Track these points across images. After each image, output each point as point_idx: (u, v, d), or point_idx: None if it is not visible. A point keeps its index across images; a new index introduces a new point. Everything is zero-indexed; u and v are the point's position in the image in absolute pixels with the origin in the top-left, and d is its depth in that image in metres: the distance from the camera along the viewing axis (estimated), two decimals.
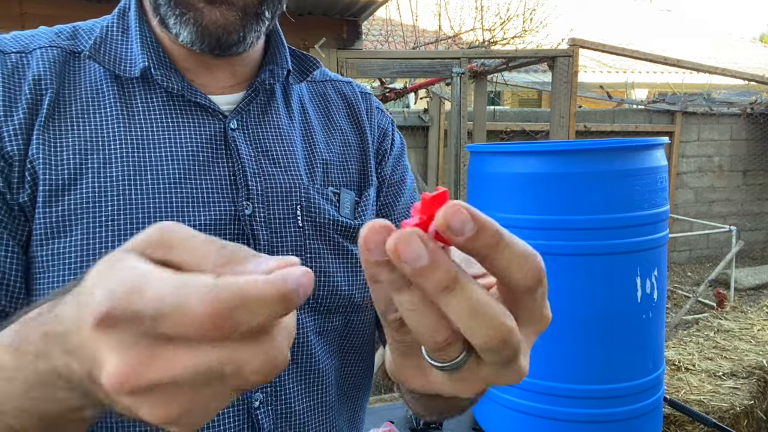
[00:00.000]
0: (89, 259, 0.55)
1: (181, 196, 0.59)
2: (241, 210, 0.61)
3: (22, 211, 0.56)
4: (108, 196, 0.57)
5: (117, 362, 0.28)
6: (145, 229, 0.32)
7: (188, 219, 0.59)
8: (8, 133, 0.56)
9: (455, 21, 7.80)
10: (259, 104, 0.67)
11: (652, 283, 1.40)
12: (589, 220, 1.35)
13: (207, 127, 0.63)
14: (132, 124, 0.61)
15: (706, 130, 7.39)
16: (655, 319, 1.44)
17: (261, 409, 0.62)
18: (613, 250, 1.36)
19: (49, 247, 0.55)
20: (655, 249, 1.41)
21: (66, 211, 0.56)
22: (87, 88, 0.61)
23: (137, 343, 0.28)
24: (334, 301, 0.66)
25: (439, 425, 1.65)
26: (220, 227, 0.60)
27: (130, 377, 0.28)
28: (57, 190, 0.56)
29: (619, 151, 1.36)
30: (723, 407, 1.84)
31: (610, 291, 1.39)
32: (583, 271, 1.37)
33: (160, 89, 0.63)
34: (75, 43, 0.64)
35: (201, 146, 0.62)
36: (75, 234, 0.55)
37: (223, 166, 0.62)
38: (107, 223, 0.56)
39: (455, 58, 3.36)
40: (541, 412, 1.44)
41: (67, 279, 0.54)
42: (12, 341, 0.36)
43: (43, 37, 0.63)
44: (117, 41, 0.64)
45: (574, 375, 1.40)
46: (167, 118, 0.62)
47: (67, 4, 3.15)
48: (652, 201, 1.38)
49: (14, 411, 0.37)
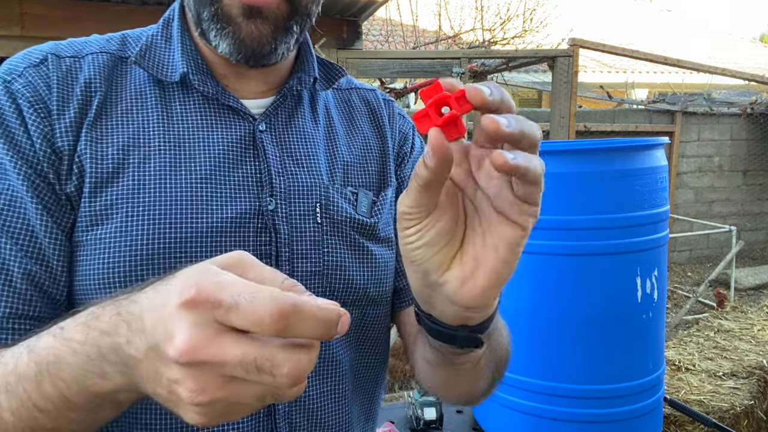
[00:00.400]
0: (127, 244, 0.61)
1: (211, 191, 0.65)
2: (265, 206, 0.66)
3: (69, 201, 0.62)
4: (145, 189, 0.63)
5: (185, 337, 0.36)
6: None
7: (216, 212, 0.64)
8: (60, 131, 0.62)
9: (455, 21, 7.81)
10: (287, 109, 0.72)
11: (653, 283, 1.40)
12: (589, 220, 1.35)
13: (237, 129, 0.68)
14: (170, 124, 0.66)
15: (706, 130, 7.39)
16: (655, 319, 1.44)
17: None
18: (613, 250, 1.36)
19: (92, 232, 0.61)
20: (655, 249, 1.41)
21: (108, 201, 0.62)
22: (132, 90, 0.67)
23: (207, 326, 0.36)
24: (349, 295, 0.70)
25: (439, 425, 1.65)
26: (245, 221, 0.65)
27: (191, 350, 0.36)
28: (101, 182, 0.62)
29: (619, 151, 1.36)
30: (723, 407, 1.84)
31: (610, 291, 1.39)
32: (584, 271, 1.37)
33: (197, 93, 0.68)
34: (123, 49, 0.69)
35: (231, 146, 0.67)
36: (114, 221, 0.61)
37: (251, 165, 0.67)
38: (144, 212, 0.62)
39: (455, 58, 3.36)
40: (541, 412, 1.44)
41: (106, 261, 0.60)
42: (85, 319, 0.45)
43: (95, 44, 0.69)
44: (160, 48, 0.70)
45: (574, 375, 1.40)
46: (202, 119, 0.68)
47: (67, 4, 3.16)
48: (652, 201, 1.38)
49: (71, 381, 0.44)
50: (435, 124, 0.41)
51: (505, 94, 0.42)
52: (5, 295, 0.58)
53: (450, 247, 0.46)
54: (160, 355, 0.38)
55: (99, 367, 0.43)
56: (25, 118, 0.61)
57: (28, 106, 0.61)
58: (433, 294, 0.48)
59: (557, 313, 1.39)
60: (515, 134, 0.40)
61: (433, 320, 0.51)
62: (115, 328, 0.42)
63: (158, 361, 0.38)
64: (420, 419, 1.65)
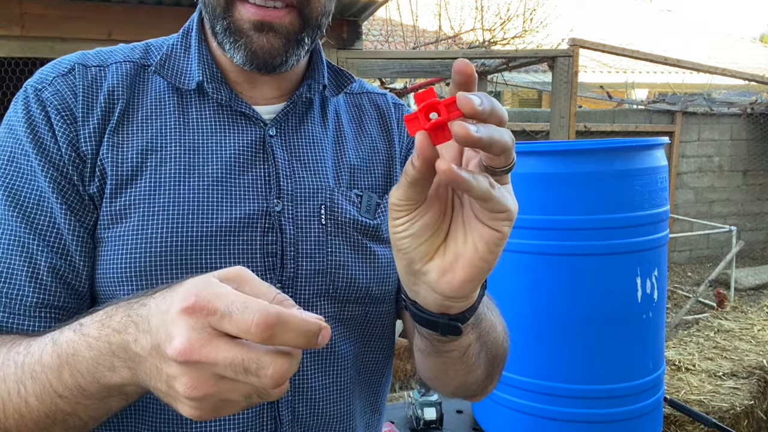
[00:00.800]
0: (144, 241, 0.65)
1: (223, 193, 0.69)
2: (272, 207, 0.70)
3: (92, 201, 0.67)
4: (161, 190, 0.67)
5: (183, 339, 0.42)
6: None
7: (227, 212, 0.68)
8: (84, 136, 0.67)
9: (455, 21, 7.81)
10: (297, 114, 0.76)
11: (653, 283, 1.40)
12: (589, 220, 1.34)
13: (249, 134, 0.72)
14: (186, 130, 0.71)
15: (706, 130, 7.39)
16: (655, 319, 1.44)
17: None
18: (613, 250, 1.36)
19: (112, 230, 0.66)
20: (655, 249, 1.41)
21: (127, 202, 0.67)
22: (152, 98, 0.71)
23: (203, 331, 0.42)
24: (352, 292, 0.73)
25: (439, 425, 1.65)
26: (253, 221, 0.69)
27: (188, 351, 0.41)
28: (121, 183, 0.67)
29: (619, 151, 1.36)
30: (723, 407, 1.84)
31: (610, 291, 1.38)
32: (584, 271, 1.37)
33: (212, 100, 0.73)
34: (146, 57, 0.74)
35: (242, 150, 0.71)
36: (133, 220, 0.66)
37: (260, 168, 0.71)
38: (159, 212, 0.67)
39: (455, 58, 3.36)
40: (541, 412, 1.44)
41: (125, 256, 0.65)
42: (101, 318, 0.51)
43: (120, 53, 0.74)
44: (179, 58, 0.74)
45: (574, 375, 1.40)
46: (216, 125, 0.72)
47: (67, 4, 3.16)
48: (652, 201, 1.38)
49: (85, 372, 0.50)
50: (423, 128, 0.44)
51: (496, 104, 0.44)
52: (33, 286, 0.64)
53: (435, 239, 0.49)
54: (161, 354, 0.44)
55: (109, 361, 0.49)
56: (53, 125, 0.66)
57: (56, 114, 0.66)
58: (417, 282, 0.51)
59: (557, 313, 1.39)
60: (484, 140, 0.42)
61: (417, 306, 0.54)
62: (125, 328, 0.47)
63: (159, 359, 0.44)
64: (420, 419, 1.65)
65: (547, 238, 1.35)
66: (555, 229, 1.35)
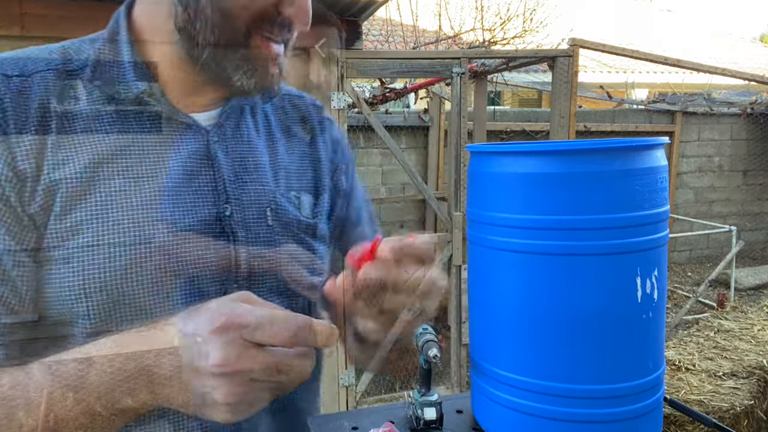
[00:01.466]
0: (100, 255, 0.65)
1: (174, 202, 0.70)
2: (222, 212, 0.72)
3: (32, 221, 0.64)
4: (114, 204, 0.67)
5: (220, 355, 0.50)
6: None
7: (180, 221, 0.69)
8: (21, 153, 0.64)
9: (455, 21, 7.81)
10: (233, 119, 0.77)
11: (653, 283, 1.40)
12: (589, 220, 1.34)
13: (192, 142, 0.73)
14: (131, 141, 0.70)
15: (706, 130, 7.39)
16: (655, 319, 1.43)
17: None
18: (613, 250, 1.35)
19: (63, 248, 0.64)
20: (655, 249, 1.40)
21: (78, 218, 0.65)
22: (88, 109, 0.69)
23: (236, 345, 0.50)
24: (299, 287, 0.78)
25: (439, 425, 1.65)
26: (207, 227, 0.71)
27: (227, 365, 0.49)
28: (71, 200, 0.65)
29: (619, 151, 1.35)
30: (723, 407, 1.84)
31: (610, 291, 1.38)
32: (583, 271, 1.37)
33: (151, 109, 0.72)
34: (66, 63, 0.70)
35: (188, 158, 0.72)
36: (87, 236, 0.65)
37: (207, 175, 0.73)
38: (114, 226, 0.66)
39: (455, 58, 3.36)
40: (541, 412, 1.43)
41: (81, 272, 0.64)
42: (112, 345, 0.56)
43: (39, 61, 0.69)
44: (110, 65, 0.71)
45: (574, 375, 1.40)
46: (159, 134, 0.72)
47: (67, 4, 3.15)
48: (652, 201, 1.37)
49: (104, 395, 0.55)
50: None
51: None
52: None
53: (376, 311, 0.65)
54: (198, 370, 0.51)
55: (127, 385, 0.54)
56: None
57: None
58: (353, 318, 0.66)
59: (557, 313, 1.39)
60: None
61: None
62: (141, 354, 0.54)
63: (194, 375, 0.51)
64: (420, 419, 1.64)
65: (547, 238, 1.34)
66: (555, 229, 1.35)
